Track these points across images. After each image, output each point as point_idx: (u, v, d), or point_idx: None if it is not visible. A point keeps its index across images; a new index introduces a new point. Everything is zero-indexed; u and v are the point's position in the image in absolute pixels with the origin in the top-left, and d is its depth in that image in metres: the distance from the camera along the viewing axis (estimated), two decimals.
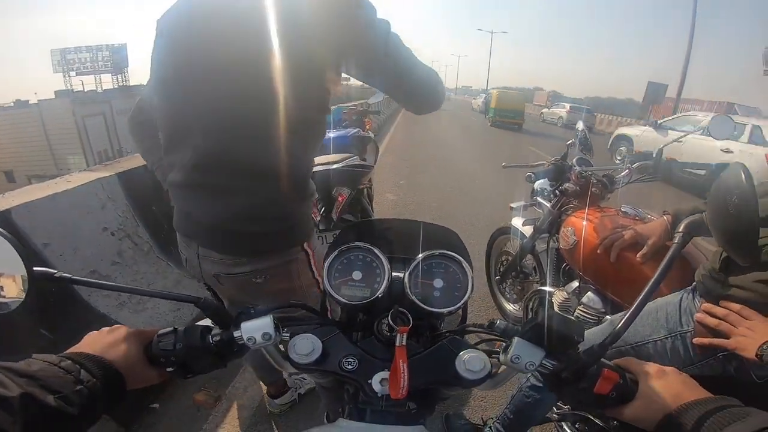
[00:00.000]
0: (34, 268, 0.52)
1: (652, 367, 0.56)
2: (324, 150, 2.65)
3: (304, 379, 1.92)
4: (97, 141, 25.90)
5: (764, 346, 0.79)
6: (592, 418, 1.31)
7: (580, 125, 1.80)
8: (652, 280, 0.60)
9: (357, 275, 0.64)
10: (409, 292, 0.62)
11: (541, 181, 1.86)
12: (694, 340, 0.96)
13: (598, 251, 1.40)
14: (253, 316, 0.58)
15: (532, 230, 2.00)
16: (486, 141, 12.86)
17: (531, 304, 2.05)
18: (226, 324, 0.58)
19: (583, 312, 1.55)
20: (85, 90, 30.79)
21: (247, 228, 0.94)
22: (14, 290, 0.51)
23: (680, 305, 1.04)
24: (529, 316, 2.03)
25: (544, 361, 0.55)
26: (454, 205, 4.95)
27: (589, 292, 1.55)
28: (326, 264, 0.65)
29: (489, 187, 5.74)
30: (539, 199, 1.91)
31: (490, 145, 11.77)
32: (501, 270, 2.58)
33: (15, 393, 0.41)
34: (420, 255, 0.66)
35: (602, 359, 0.56)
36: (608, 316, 1.46)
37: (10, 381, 0.41)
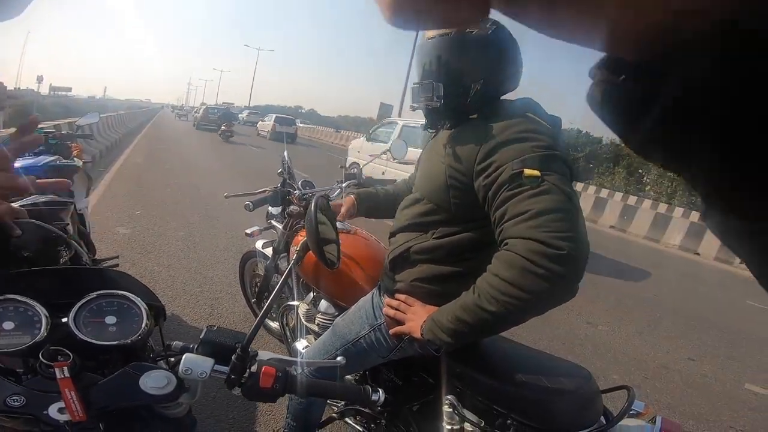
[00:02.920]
0: None
1: None
2: None
3: None
4: None
5: (423, 326, 1.00)
6: (362, 409, 1.46)
7: (285, 155, 1.98)
8: (276, 288, 0.82)
9: (8, 325, 0.66)
10: (77, 332, 0.66)
11: (271, 207, 1.95)
12: (390, 331, 1.14)
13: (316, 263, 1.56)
14: None
15: (273, 252, 2.07)
16: (234, 159, 12.62)
17: (284, 318, 2.13)
18: None
19: (322, 319, 1.70)
20: None
21: None
22: None
23: (372, 301, 1.24)
24: (286, 330, 2.12)
25: (216, 368, 0.66)
26: (204, 231, 4.65)
27: (322, 300, 1.71)
28: None
29: (240, 209, 5.62)
30: (273, 222, 2.00)
31: (239, 164, 11.61)
32: (256, 292, 2.58)
33: None
34: (85, 297, 0.70)
35: (270, 359, 0.68)
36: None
37: None
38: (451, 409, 1.10)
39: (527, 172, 0.86)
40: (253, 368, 0.66)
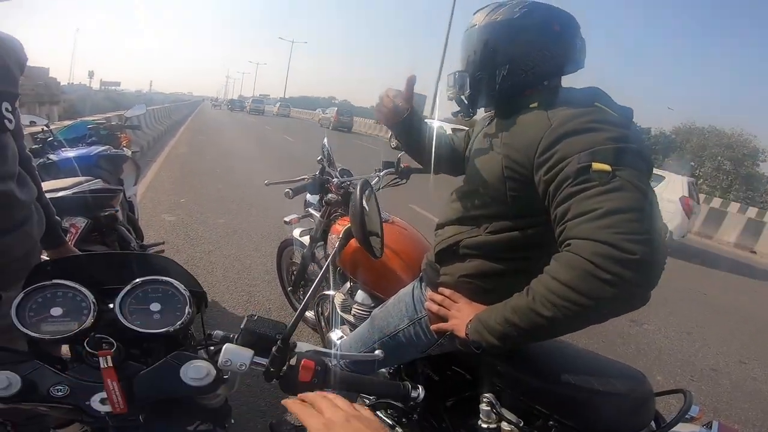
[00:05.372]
0: None
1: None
2: (58, 173, 2.17)
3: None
4: None
5: (469, 325, 0.95)
6: (394, 403, 1.45)
7: (326, 142, 1.97)
8: (318, 278, 0.76)
9: (57, 311, 0.65)
10: (122, 319, 0.66)
11: (310, 194, 1.97)
12: (432, 327, 1.11)
13: (354, 251, 1.56)
14: None
15: (310, 240, 2.09)
16: (271, 146, 12.89)
17: (320, 308, 2.15)
18: None
19: (358, 310, 1.70)
20: None
21: None
22: None
23: (413, 294, 1.20)
24: (321, 320, 2.14)
25: (255, 360, 0.64)
26: (243, 219, 4.78)
27: (359, 291, 1.71)
28: (14, 305, 0.65)
29: (278, 197, 5.76)
30: (311, 210, 2.01)
31: (276, 150, 11.84)
32: (292, 280, 2.62)
33: None
34: (131, 283, 0.69)
35: (309, 352, 0.66)
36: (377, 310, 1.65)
37: None
38: (488, 408, 1.06)
39: (596, 166, 0.78)
40: (293, 361, 0.65)
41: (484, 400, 1.07)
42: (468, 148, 1.21)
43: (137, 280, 0.69)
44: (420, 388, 0.69)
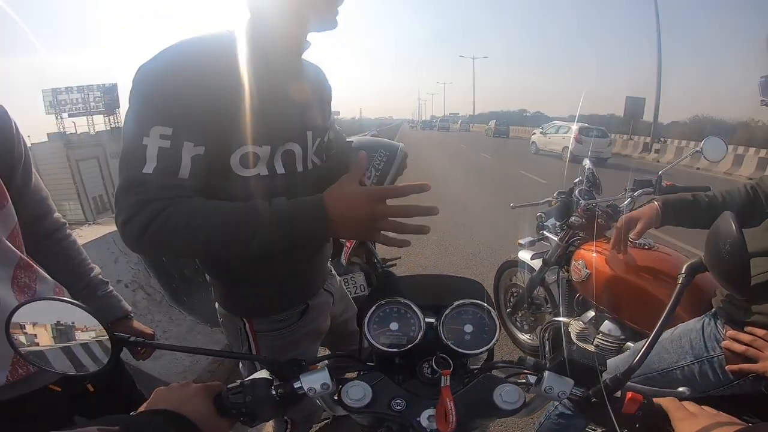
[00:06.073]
0: (115, 334, 0.56)
1: (683, 411, 0.59)
2: None
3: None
4: (92, 185, 25.24)
5: None
6: None
7: (586, 163, 1.87)
8: (663, 315, 0.68)
9: (394, 326, 0.70)
10: (444, 338, 0.68)
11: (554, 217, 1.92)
12: (728, 368, 0.99)
13: (611, 270, 1.44)
14: (306, 367, 0.63)
15: (541, 263, 2.04)
16: (470, 163, 13.14)
17: (547, 334, 2.06)
18: (285, 376, 0.63)
19: (603, 341, 1.58)
20: (78, 132, 29.31)
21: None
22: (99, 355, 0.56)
23: (703, 331, 1.08)
24: (546, 346, 2.06)
25: (573, 390, 0.63)
26: (453, 237, 5.02)
27: (606, 321, 1.58)
28: (366, 318, 0.70)
29: (483, 219, 5.93)
30: (546, 233, 1.97)
31: (476, 169, 12.01)
32: (511, 302, 2.60)
33: None
34: (453, 304, 0.71)
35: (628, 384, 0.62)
36: (629, 343, 1.49)
37: None
38: None
39: None
40: (617, 392, 0.62)
41: None
42: None
43: (465, 301, 0.72)
44: None
